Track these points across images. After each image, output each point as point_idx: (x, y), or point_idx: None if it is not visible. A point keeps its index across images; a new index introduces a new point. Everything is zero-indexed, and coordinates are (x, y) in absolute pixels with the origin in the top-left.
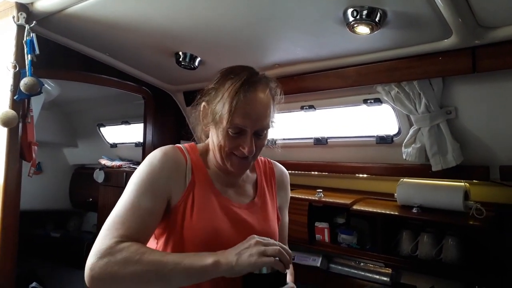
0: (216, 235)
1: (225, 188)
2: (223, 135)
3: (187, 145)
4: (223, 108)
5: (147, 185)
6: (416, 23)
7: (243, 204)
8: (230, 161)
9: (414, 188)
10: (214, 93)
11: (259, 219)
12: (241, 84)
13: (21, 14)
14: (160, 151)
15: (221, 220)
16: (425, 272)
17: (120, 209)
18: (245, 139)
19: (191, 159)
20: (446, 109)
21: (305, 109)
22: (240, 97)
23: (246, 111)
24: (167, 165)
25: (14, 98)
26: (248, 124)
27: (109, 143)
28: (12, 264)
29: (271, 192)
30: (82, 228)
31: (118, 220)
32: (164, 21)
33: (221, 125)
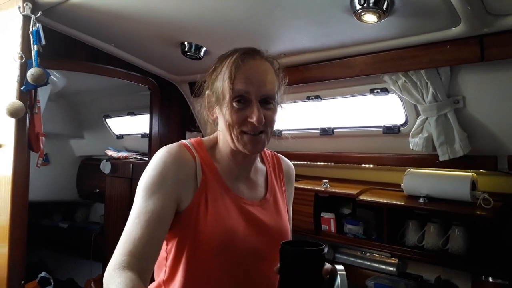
0: (232, 236)
1: (237, 184)
2: (229, 109)
3: (193, 140)
4: (223, 80)
5: (154, 189)
6: (424, 11)
7: (255, 201)
8: (242, 140)
9: (421, 178)
10: (213, 74)
11: (273, 216)
12: (239, 55)
13: (26, 4)
14: (167, 152)
15: (235, 220)
16: (432, 262)
17: (130, 219)
18: (251, 109)
19: (200, 157)
20: (453, 98)
21: (311, 99)
22: (238, 63)
23: (246, 75)
24: (174, 167)
25: (21, 89)
26: (250, 88)
27: (116, 134)
28: (22, 254)
29: (281, 187)
30: (90, 219)
31: (127, 232)
32: (170, 11)
33: (225, 100)
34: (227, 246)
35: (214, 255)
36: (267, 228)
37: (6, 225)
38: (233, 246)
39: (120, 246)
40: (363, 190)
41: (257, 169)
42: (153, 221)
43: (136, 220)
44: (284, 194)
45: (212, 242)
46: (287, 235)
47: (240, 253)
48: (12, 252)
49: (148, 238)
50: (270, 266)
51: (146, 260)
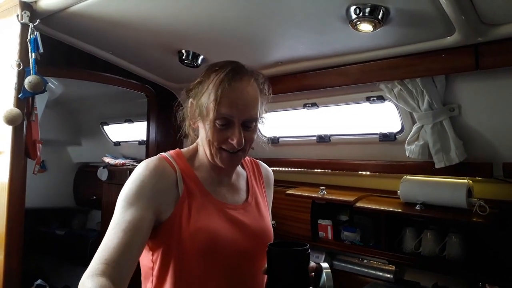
0: (216, 239)
1: (218, 189)
2: (211, 128)
3: (172, 152)
4: (209, 99)
5: (133, 200)
6: (419, 20)
7: (238, 205)
8: (220, 156)
9: (417, 185)
10: (200, 86)
11: (255, 219)
12: (226, 73)
13: (25, 12)
14: (146, 166)
15: (219, 224)
16: (429, 269)
17: (108, 232)
18: (233, 131)
19: (180, 168)
20: (449, 106)
21: (307, 107)
22: (225, 85)
23: (231, 99)
24: (153, 179)
25: (18, 96)
26: (234, 113)
27: (113, 141)
28: (17, 262)
29: (261, 191)
30: (87, 226)
31: (103, 245)
32: (167, 19)
33: (208, 118)
34: (213, 249)
35: (200, 260)
36: (250, 230)
37: (2, 232)
38: (218, 249)
39: (97, 255)
40: (360, 197)
41: (238, 174)
42: (129, 231)
43: (113, 230)
44: (265, 197)
45: (197, 247)
46: (270, 236)
47: (226, 256)
48: (8, 259)
49: (124, 248)
50: (256, 267)
51: (121, 269)
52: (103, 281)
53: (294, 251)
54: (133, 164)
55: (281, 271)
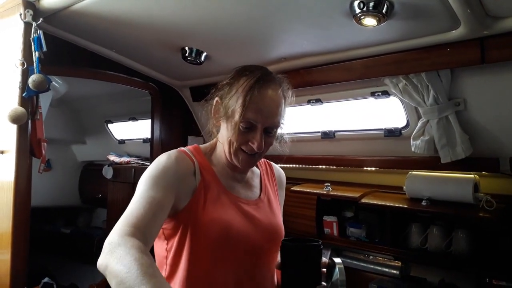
0: (229, 231)
1: (232, 184)
2: (234, 129)
3: (190, 147)
4: (236, 103)
5: (157, 180)
6: (424, 14)
7: (251, 200)
8: (238, 156)
9: (423, 180)
10: (228, 88)
11: (267, 215)
12: (256, 80)
13: (28, 11)
14: (167, 155)
15: (232, 216)
16: (435, 265)
17: (131, 203)
18: (255, 135)
19: (198, 161)
20: (454, 101)
21: (312, 103)
22: (254, 92)
23: (258, 106)
24: (174, 166)
25: (23, 95)
26: (259, 119)
27: (117, 139)
28: (24, 260)
29: (274, 190)
30: (92, 224)
31: (129, 212)
32: (170, 16)
33: (233, 119)
34: (225, 241)
35: (213, 251)
36: (262, 225)
37: (8, 231)
38: (231, 241)
39: (123, 220)
40: (365, 193)
41: (252, 172)
42: (155, 205)
43: (138, 201)
44: (277, 196)
45: (211, 237)
46: (281, 233)
47: (237, 248)
48: (14, 258)
49: (149, 217)
50: (265, 262)
51: (147, 236)
52: (136, 242)
53: (307, 246)
54: (137, 162)
55: (294, 265)
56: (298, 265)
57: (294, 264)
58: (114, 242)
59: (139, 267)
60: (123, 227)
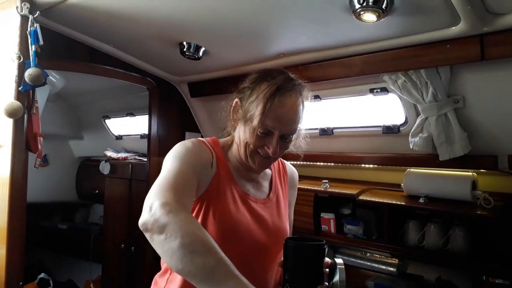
0: (237, 226)
1: (244, 182)
2: (252, 133)
3: (209, 139)
4: (256, 109)
5: (184, 159)
6: (424, 10)
7: (259, 199)
8: (253, 159)
9: (421, 178)
10: (250, 92)
11: (273, 215)
12: (277, 88)
13: (24, 4)
14: (191, 141)
15: (240, 212)
16: (432, 262)
17: (162, 175)
18: (271, 140)
19: (216, 153)
20: (453, 98)
21: (310, 99)
22: (274, 100)
23: (278, 114)
24: (199, 152)
25: (19, 89)
26: (277, 127)
27: (115, 135)
28: (20, 256)
29: (284, 190)
30: (89, 220)
31: (163, 183)
32: (168, 10)
33: (251, 123)
34: (233, 236)
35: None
36: (268, 224)
37: (4, 227)
38: (236, 236)
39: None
40: (363, 190)
41: (264, 172)
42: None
43: (170, 173)
44: (286, 197)
45: (219, 230)
46: (285, 234)
47: (242, 245)
48: (10, 253)
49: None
50: (268, 261)
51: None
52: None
53: (311, 246)
54: (135, 158)
55: (297, 264)
56: (301, 264)
57: (297, 263)
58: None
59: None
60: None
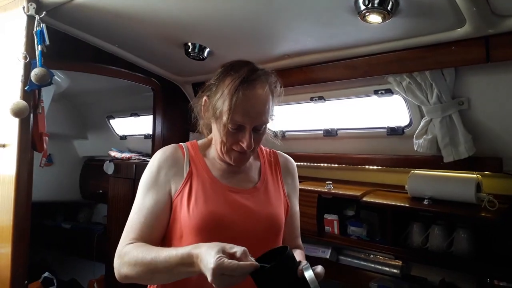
0: (216, 220)
1: (225, 175)
2: (223, 130)
3: (188, 142)
4: (223, 105)
5: (150, 184)
6: (429, 11)
7: (244, 189)
8: (230, 155)
9: (425, 179)
10: (215, 89)
11: (261, 203)
12: (240, 81)
13: (31, 4)
14: (160, 151)
15: (218, 205)
16: (436, 265)
17: (131, 213)
18: (244, 135)
19: (190, 154)
20: (458, 99)
21: (314, 101)
22: (239, 95)
23: (245, 108)
24: (165, 162)
25: (25, 88)
26: (246, 121)
27: (119, 135)
28: (25, 255)
29: (276, 179)
30: (92, 220)
31: (129, 224)
32: (173, 11)
33: (221, 120)
34: (212, 230)
35: (199, 239)
36: (254, 214)
37: (9, 225)
38: (218, 230)
39: (124, 237)
40: (366, 192)
41: (250, 164)
42: (149, 214)
43: (135, 215)
44: (280, 185)
45: (197, 227)
46: (278, 221)
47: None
48: (15, 252)
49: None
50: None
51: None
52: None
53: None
54: (139, 158)
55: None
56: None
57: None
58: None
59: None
60: (127, 240)
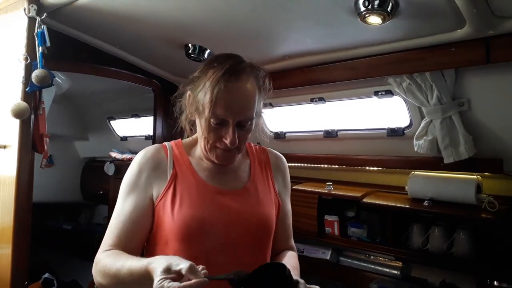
0: (199, 224)
1: (212, 175)
2: (206, 125)
3: (173, 141)
4: (205, 98)
5: (129, 188)
6: (429, 13)
7: (232, 191)
8: (214, 153)
9: (425, 180)
10: (197, 81)
11: (251, 205)
12: (223, 73)
13: (32, 6)
14: (141, 152)
15: (204, 209)
16: (436, 266)
17: (112, 218)
18: (227, 130)
19: (173, 154)
20: (458, 100)
21: (314, 102)
22: (221, 86)
23: (227, 101)
24: (146, 165)
25: (26, 90)
26: (229, 115)
27: (119, 136)
28: (25, 255)
29: (266, 177)
30: (93, 221)
31: (108, 230)
32: (174, 12)
33: (204, 114)
34: (199, 236)
35: (184, 244)
36: (244, 217)
37: (10, 226)
38: (205, 236)
39: (103, 243)
40: (367, 193)
41: (239, 162)
42: (128, 221)
43: (114, 220)
44: (271, 183)
45: (181, 233)
46: (268, 222)
47: (213, 241)
48: (15, 253)
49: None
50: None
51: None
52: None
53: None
54: None
55: None
56: None
57: None
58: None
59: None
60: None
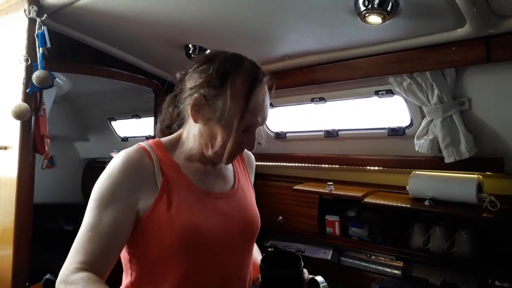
0: (198, 231)
1: (203, 178)
2: (233, 134)
3: (151, 142)
4: (233, 106)
5: (109, 198)
6: (429, 12)
7: (224, 193)
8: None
9: (426, 180)
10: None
11: (241, 207)
12: (251, 81)
13: (32, 7)
14: (121, 158)
15: (201, 215)
16: (437, 266)
17: (82, 230)
18: (249, 136)
19: (159, 159)
20: (459, 100)
21: (315, 101)
22: (254, 98)
23: (258, 109)
24: (129, 174)
25: (26, 91)
26: (260, 122)
27: (120, 136)
28: (26, 256)
29: (246, 176)
30: None
31: (80, 242)
32: (174, 13)
33: (231, 128)
34: (194, 242)
35: (181, 253)
36: (235, 220)
37: (11, 227)
38: (200, 241)
39: (72, 256)
40: (368, 193)
41: None
42: (106, 236)
43: (89, 233)
44: (250, 182)
45: (178, 241)
46: (256, 223)
47: (215, 249)
48: (16, 254)
49: (101, 252)
50: (243, 255)
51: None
52: (86, 274)
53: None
54: None
55: None
56: None
57: None
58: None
59: None
60: (72, 265)
